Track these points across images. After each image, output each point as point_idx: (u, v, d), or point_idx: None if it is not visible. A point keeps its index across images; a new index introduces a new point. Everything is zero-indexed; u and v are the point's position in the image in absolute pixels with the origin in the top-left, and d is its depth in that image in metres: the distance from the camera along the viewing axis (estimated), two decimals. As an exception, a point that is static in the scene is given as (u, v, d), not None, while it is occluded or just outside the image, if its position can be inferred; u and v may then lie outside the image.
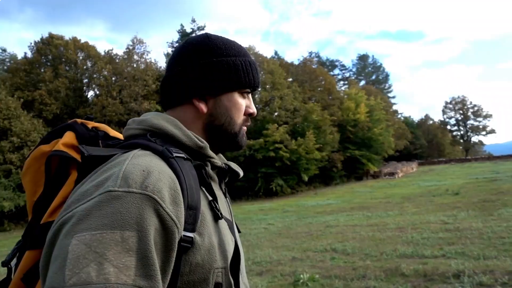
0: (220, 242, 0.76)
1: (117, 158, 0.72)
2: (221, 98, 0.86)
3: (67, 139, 0.83)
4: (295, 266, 6.26)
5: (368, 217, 12.02)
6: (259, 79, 0.92)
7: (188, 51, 0.87)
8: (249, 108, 0.92)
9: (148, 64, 29.25)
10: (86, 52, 27.77)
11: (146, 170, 0.67)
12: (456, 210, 10.81)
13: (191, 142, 0.81)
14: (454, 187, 18.18)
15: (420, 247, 6.51)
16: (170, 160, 0.73)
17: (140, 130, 0.83)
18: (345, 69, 63.27)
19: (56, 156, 0.79)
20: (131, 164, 0.68)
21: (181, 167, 0.73)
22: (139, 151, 0.74)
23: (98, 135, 0.88)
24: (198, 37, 0.90)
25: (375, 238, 7.96)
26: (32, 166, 0.85)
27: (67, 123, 0.90)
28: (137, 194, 0.63)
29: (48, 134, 0.90)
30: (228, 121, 0.87)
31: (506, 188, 14.78)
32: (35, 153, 0.86)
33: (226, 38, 0.91)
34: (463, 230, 7.64)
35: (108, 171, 0.68)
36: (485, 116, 58.55)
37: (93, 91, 29.11)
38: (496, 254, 5.42)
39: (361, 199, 19.39)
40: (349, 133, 35.92)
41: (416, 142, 51.25)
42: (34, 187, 0.83)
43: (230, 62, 0.86)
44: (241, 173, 0.94)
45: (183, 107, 0.87)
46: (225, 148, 0.92)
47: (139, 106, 26.17)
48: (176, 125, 0.82)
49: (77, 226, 0.60)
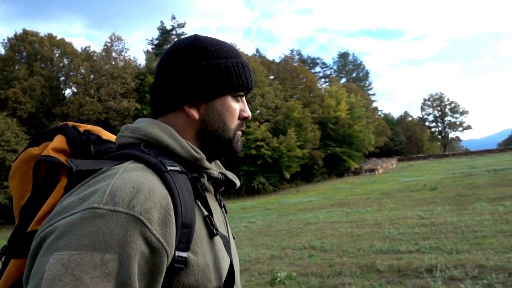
0: (215, 260, 0.72)
1: (108, 171, 0.67)
2: (213, 103, 0.82)
3: (57, 143, 0.79)
4: (273, 264, 6.25)
5: (348, 214, 12.15)
6: (252, 81, 0.87)
7: (177, 54, 0.82)
8: (243, 112, 0.87)
9: (127, 62, 28.76)
10: (62, 49, 27.09)
11: (136, 187, 0.62)
12: (433, 205, 11.03)
13: (187, 154, 0.76)
14: (431, 182, 18.57)
15: (396, 243, 6.59)
16: (163, 174, 0.68)
17: (133, 139, 0.78)
18: (326, 66, 63.89)
19: (45, 161, 0.75)
20: (121, 178, 0.63)
21: (175, 182, 0.68)
22: (132, 164, 0.69)
23: (90, 139, 0.83)
24: (187, 39, 0.85)
25: (353, 235, 8.03)
26: (19, 169, 0.81)
27: (58, 125, 0.85)
28: (122, 214, 0.59)
29: (37, 135, 0.85)
30: (222, 126, 0.83)
31: (481, 183, 15.18)
32: (23, 155, 0.81)
33: (216, 39, 0.86)
34: (438, 224, 7.79)
35: (97, 184, 0.64)
36: (461, 112, 60.19)
37: (70, 89, 28.46)
38: (469, 248, 5.53)
39: (342, 195, 19.59)
40: (330, 130, 36.27)
41: (395, 139, 52.19)
42: (22, 191, 0.79)
43: (221, 64, 0.81)
44: (237, 183, 0.90)
45: (174, 113, 0.82)
46: (220, 154, 0.87)
47: (118, 104, 25.73)
48: (172, 135, 0.77)
49: (56, 243, 0.57)
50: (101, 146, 0.83)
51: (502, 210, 8.43)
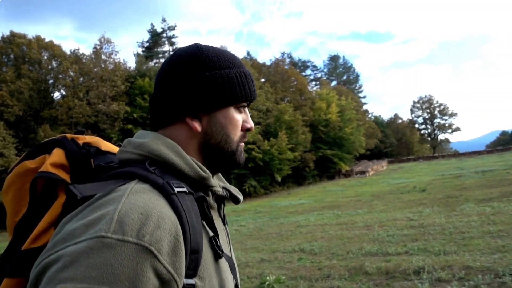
0: (220, 284, 0.71)
1: (113, 193, 0.64)
2: (215, 115, 0.79)
3: (56, 158, 0.75)
4: (263, 268, 6.22)
5: (338, 216, 12.17)
6: (255, 91, 0.85)
7: (178, 64, 0.79)
8: (246, 122, 0.84)
9: (116, 64, 28.54)
10: (50, 51, 26.79)
11: (145, 213, 0.60)
12: (422, 207, 11.10)
13: (193, 173, 0.73)
14: (421, 184, 18.72)
15: (385, 245, 6.61)
16: (171, 197, 0.65)
17: (137, 155, 0.74)
18: (316, 69, 64.22)
19: (43, 177, 0.72)
20: (128, 203, 0.60)
21: (183, 204, 0.66)
22: (137, 185, 0.66)
23: (90, 153, 0.80)
24: (188, 48, 0.82)
25: (343, 237, 8.04)
26: (14, 184, 0.77)
27: (56, 138, 0.82)
28: (132, 244, 0.56)
29: (34, 148, 0.82)
30: (225, 139, 0.80)
31: (469, 184, 15.35)
32: (19, 169, 0.78)
33: (217, 48, 0.83)
34: (427, 226, 7.83)
35: (102, 208, 0.60)
36: (450, 114, 60.88)
37: (58, 92, 28.14)
38: (456, 249, 5.56)
39: (333, 198, 19.65)
40: (321, 133, 36.41)
41: (386, 141, 52.59)
42: (17, 207, 0.75)
43: (224, 75, 0.78)
44: (241, 198, 0.88)
45: (175, 126, 0.79)
46: (223, 167, 0.84)
47: (107, 107, 25.51)
48: (177, 152, 0.74)
49: (61, 273, 0.53)
50: (101, 159, 0.80)
51: (489, 211, 8.52)
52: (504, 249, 5.14)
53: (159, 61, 41.19)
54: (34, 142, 23.97)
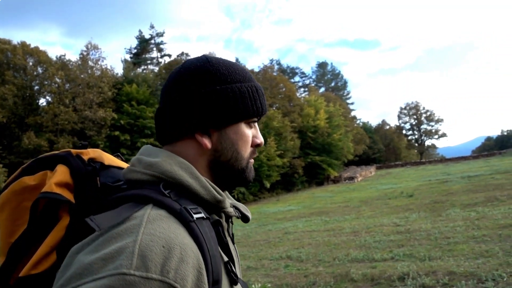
0: None
1: (128, 221, 0.59)
2: (226, 131, 0.75)
3: (61, 177, 0.70)
4: (249, 276, 6.15)
5: (326, 222, 12.17)
6: (266, 105, 0.81)
7: (187, 77, 0.75)
8: (256, 138, 0.81)
9: (103, 71, 28.29)
10: (36, 57, 26.42)
11: (167, 245, 0.56)
12: (408, 212, 11.17)
13: (209, 196, 0.70)
14: (408, 189, 18.87)
15: (372, 251, 6.60)
16: (190, 225, 0.62)
17: (148, 176, 0.69)
18: (305, 76, 64.67)
19: (46, 198, 0.66)
20: (147, 234, 0.56)
21: (202, 233, 0.62)
22: (153, 211, 0.61)
23: (96, 170, 0.75)
24: (197, 61, 0.77)
25: (330, 243, 8.02)
26: (10, 202, 0.71)
27: (59, 153, 0.76)
28: (156, 282, 0.52)
29: (32, 162, 0.76)
30: (235, 156, 0.76)
31: (455, 189, 15.51)
32: (16, 186, 0.72)
33: (227, 61, 0.79)
34: (413, 231, 7.86)
35: (118, 239, 0.56)
36: (437, 120, 61.85)
37: (44, 99, 27.74)
38: (441, 254, 5.58)
39: (321, 204, 19.67)
40: (310, 139, 36.56)
41: (374, 147, 53.05)
42: (12, 226, 0.69)
43: (235, 89, 0.74)
44: (250, 216, 0.84)
45: (183, 142, 0.75)
46: (232, 185, 0.81)
47: (94, 114, 25.22)
48: (192, 173, 0.70)
49: None
50: (105, 175, 0.76)
51: (474, 215, 8.60)
52: (487, 254, 5.17)
53: (147, 67, 41.04)
54: (18, 150, 23.55)
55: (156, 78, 33.09)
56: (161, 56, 42.84)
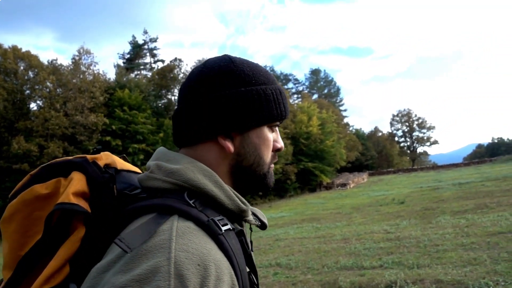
0: None
1: (156, 236, 0.56)
2: (249, 134, 0.73)
3: (78, 186, 0.65)
4: (237, 283, 6.07)
5: (317, 229, 12.12)
6: (289, 109, 0.79)
7: (210, 78, 0.72)
8: (277, 142, 0.78)
9: (95, 76, 28.12)
10: (27, 61, 26.18)
11: (202, 264, 0.53)
12: (399, 219, 11.17)
13: (234, 206, 0.68)
14: (400, 196, 18.92)
15: (361, 258, 6.56)
16: (219, 238, 0.59)
17: (170, 184, 0.66)
18: (298, 83, 64.97)
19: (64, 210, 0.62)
20: (179, 250, 0.54)
21: (231, 246, 0.61)
22: (180, 223, 0.59)
23: (113, 177, 0.70)
24: (220, 61, 0.74)
25: (320, 251, 7.97)
26: (20, 212, 0.66)
27: (74, 160, 0.71)
28: None
29: (43, 169, 0.71)
30: (258, 161, 0.74)
31: (446, 196, 15.59)
32: (26, 195, 0.67)
33: (251, 62, 0.77)
34: (403, 239, 7.84)
35: (149, 257, 0.53)
36: (428, 127, 62.38)
37: (35, 103, 27.47)
38: (429, 262, 5.56)
39: (313, 210, 19.63)
40: (302, 146, 36.59)
41: (366, 153, 53.30)
42: (22, 238, 0.65)
43: (260, 92, 0.72)
44: (267, 223, 0.81)
45: (204, 145, 0.72)
46: (253, 190, 0.78)
47: (85, 119, 25.01)
48: (216, 182, 0.68)
49: None
50: (119, 181, 0.71)
51: (463, 223, 8.61)
52: (475, 261, 5.16)
53: (140, 72, 40.91)
54: (7, 155, 23.22)
55: (149, 84, 32.98)
56: (154, 61, 42.77)
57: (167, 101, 34.06)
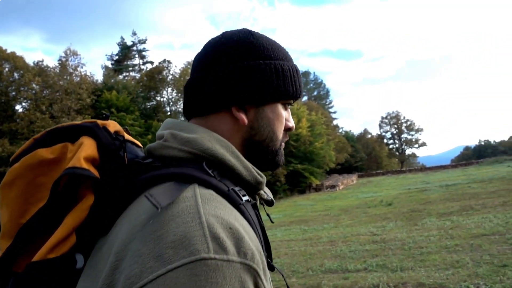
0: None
1: (181, 202, 0.53)
2: (264, 109, 0.72)
3: (90, 151, 0.62)
4: None
5: (305, 231, 12.10)
6: (303, 90, 0.78)
7: (229, 48, 0.70)
8: (288, 121, 0.78)
9: (82, 77, 27.81)
10: (12, 63, 25.77)
11: (233, 227, 0.52)
12: (386, 221, 11.21)
13: (251, 177, 0.67)
14: (388, 198, 19.03)
15: (346, 261, 6.54)
16: (240, 207, 0.59)
17: (186, 153, 0.64)
18: (288, 85, 65.05)
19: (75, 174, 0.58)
20: (209, 214, 0.52)
21: (252, 217, 0.60)
22: (202, 190, 0.57)
23: (124, 144, 0.67)
24: (240, 32, 0.73)
25: (306, 253, 7.93)
26: (23, 177, 0.62)
27: (83, 124, 0.67)
28: (237, 264, 0.49)
29: (48, 133, 0.67)
30: (271, 136, 0.73)
31: (433, 198, 15.72)
32: (30, 159, 0.63)
33: (270, 38, 0.75)
34: (388, 241, 7.85)
35: (179, 222, 0.50)
36: (417, 130, 63.03)
37: (20, 105, 27.01)
38: (413, 265, 5.55)
39: (302, 212, 19.62)
40: (292, 147, 36.62)
41: (356, 155, 53.59)
42: (24, 205, 0.61)
43: (278, 66, 0.71)
44: (273, 201, 0.82)
45: (217, 115, 0.71)
46: (262, 167, 0.76)
47: (71, 121, 24.65)
48: (233, 152, 0.67)
49: None
50: (129, 151, 0.68)
51: (448, 225, 8.66)
52: (458, 264, 5.17)
53: (129, 74, 40.57)
54: (-9, 157, 22.77)
55: (137, 85, 32.72)
56: (143, 63, 42.47)
57: (155, 103, 33.82)
